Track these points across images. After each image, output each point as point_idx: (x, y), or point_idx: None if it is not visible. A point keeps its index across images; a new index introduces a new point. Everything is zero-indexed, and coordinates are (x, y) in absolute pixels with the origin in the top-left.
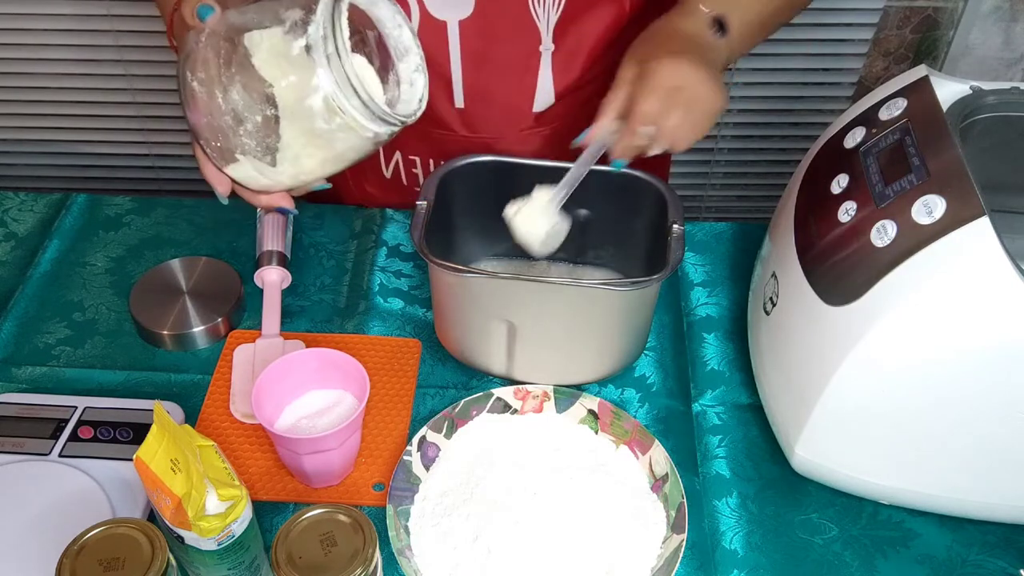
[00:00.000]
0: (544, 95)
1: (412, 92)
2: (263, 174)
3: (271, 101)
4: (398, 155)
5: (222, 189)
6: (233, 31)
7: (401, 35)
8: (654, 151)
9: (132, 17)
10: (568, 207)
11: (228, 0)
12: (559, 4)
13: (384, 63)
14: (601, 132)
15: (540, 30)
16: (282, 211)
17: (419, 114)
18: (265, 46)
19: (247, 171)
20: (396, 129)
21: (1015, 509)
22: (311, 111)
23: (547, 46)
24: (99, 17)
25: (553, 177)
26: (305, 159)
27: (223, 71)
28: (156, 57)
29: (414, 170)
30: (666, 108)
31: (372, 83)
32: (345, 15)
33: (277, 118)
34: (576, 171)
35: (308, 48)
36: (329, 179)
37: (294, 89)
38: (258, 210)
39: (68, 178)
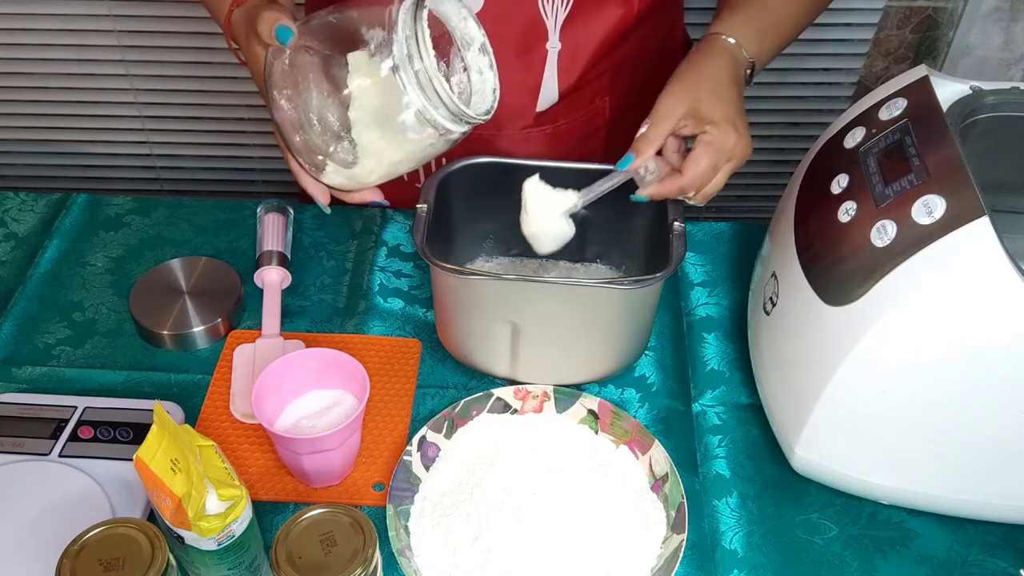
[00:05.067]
0: (548, 93)
1: (483, 81)
2: (353, 179)
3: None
4: None
5: (323, 200)
6: (315, 54)
7: (467, 27)
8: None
9: (133, 17)
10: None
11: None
12: (568, 2)
13: (444, 53)
14: (641, 163)
15: (548, 28)
16: (377, 204)
17: (493, 110)
18: (351, 66)
19: (339, 179)
20: (475, 126)
21: (1015, 509)
22: (403, 125)
23: (554, 44)
24: (100, 17)
25: (553, 177)
26: (389, 162)
27: (311, 91)
28: (157, 57)
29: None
30: (714, 173)
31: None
32: (427, 29)
33: (356, 130)
34: (601, 187)
35: (395, 68)
36: None
37: (385, 107)
38: (258, 210)
39: (68, 178)
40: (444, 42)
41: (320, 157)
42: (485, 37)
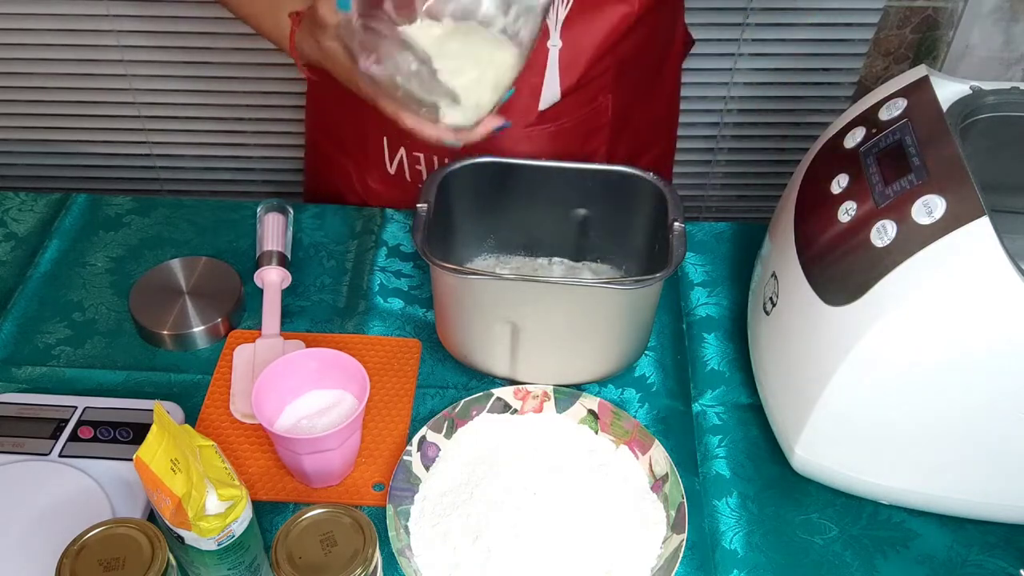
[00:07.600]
0: (550, 92)
1: None
2: (470, 111)
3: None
4: (402, 151)
5: (455, 138)
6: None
7: None
8: None
9: (133, 17)
10: (568, 207)
11: None
12: (568, 1)
13: None
14: None
15: (548, 26)
16: (503, 127)
17: None
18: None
19: (458, 117)
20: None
21: (1015, 509)
22: (488, 18)
23: (555, 42)
24: (99, 17)
25: (555, 178)
26: (490, 79)
27: (392, 39)
28: (157, 57)
29: (417, 167)
30: None
31: None
32: None
33: (443, 62)
34: None
35: None
36: (331, 176)
37: (463, 13)
38: (258, 210)
39: (68, 178)
40: None
41: (429, 100)
42: None
